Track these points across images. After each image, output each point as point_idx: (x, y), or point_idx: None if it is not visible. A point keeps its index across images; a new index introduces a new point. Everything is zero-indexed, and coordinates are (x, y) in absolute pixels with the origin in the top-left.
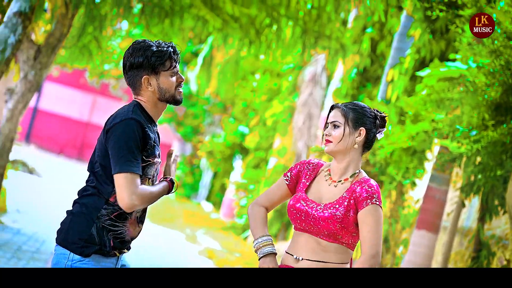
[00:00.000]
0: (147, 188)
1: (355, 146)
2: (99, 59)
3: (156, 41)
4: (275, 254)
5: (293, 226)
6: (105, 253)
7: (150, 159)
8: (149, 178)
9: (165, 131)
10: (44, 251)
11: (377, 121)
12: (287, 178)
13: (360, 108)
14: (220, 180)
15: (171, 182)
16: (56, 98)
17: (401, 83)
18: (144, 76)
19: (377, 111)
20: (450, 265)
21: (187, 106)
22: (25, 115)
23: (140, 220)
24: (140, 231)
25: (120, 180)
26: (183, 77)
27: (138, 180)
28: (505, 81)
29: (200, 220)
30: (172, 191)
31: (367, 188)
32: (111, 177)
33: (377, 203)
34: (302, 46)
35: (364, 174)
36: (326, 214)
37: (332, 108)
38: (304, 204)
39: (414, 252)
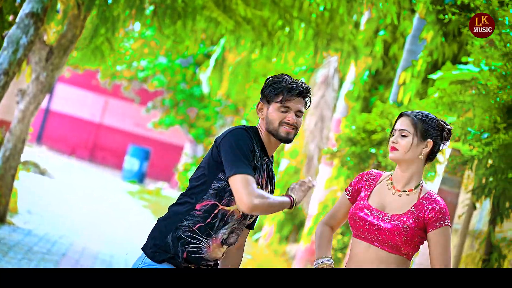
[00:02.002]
0: (267, 195)
1: (420, 157)
2: (111, 60)
3: (295, 79)
4: None
5: (352, 233)
6: (178, 263)
7: None
8: None
9: (177, 132)
10: (55, 252)
11: (444, 133)
12: (348, 192)
13: (429, 119)
14: None
15: (292, 199)
16: (68, 100)
17: (413, 85)
18: (260, 102)
19: (444, 123)
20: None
21: (199, 107)
22: (37, 116)
23: (226, 241)
24: (224, 252)
25: (237, 182)
26: (295, 119)
27: (254, 183)
28: None
29: None
30: (291, 208)
31: (438, 209)
32: (208, 184)
33: (449, 224)
34: (314, 48)
35: (427, 187)
36: (392, 226)
37: (400, 115)
38: (369, 213)
39: (425, 254)
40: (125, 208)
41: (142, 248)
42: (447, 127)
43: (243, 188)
